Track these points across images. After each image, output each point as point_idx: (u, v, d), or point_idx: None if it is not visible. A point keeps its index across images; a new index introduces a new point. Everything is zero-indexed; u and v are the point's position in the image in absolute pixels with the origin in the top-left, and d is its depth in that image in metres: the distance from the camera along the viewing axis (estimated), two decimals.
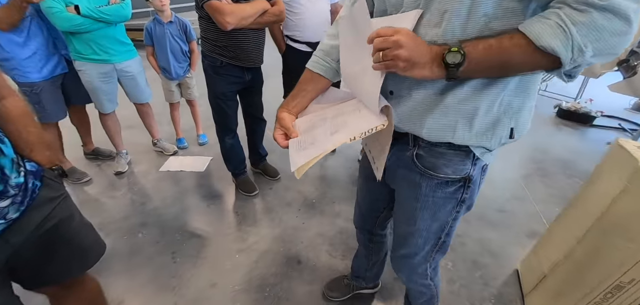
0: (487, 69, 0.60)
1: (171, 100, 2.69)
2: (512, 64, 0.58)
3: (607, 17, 0.48)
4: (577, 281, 1.23)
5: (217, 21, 1.58)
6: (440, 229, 0.89)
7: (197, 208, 2.16)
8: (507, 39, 0.56)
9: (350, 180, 2.48)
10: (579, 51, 0.50)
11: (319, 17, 2.11)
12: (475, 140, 0.71)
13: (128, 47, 2.22)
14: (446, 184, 0.79)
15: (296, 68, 2.23)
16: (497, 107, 0.68)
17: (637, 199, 1.02)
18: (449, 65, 0.58)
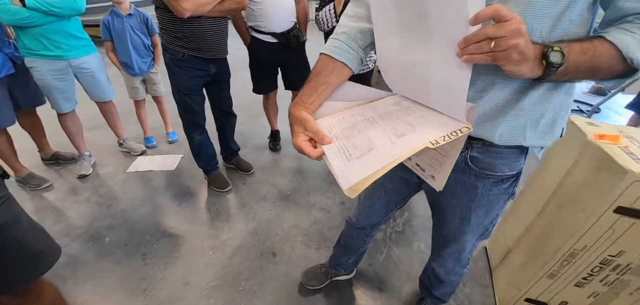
0: (579, 72, 0.56)
1: (136, 98, 2.57)
2: (600, 69, 0.56)
3: None
4: (537, 252, 1.30)
5: (173, 9, 1.50)
6: (490, 222, 0.91)
7: (168, 207, 2.09)
8: (597, 44, 0.54)
9: (325, 170, 2.48)
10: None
11: (283, 6, 2.06)
12: (538, 140, 0.70)
13: (84, 42, 2.09)
14: (502, 181, 0.79)
15: (263, 59, 2.23)
16: (557, 108, 0.69)
17: (587, 171, 1.08)
18: (551, 64, 0.52)
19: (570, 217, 1.12)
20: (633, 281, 1.15)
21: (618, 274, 1.15)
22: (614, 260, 1.11)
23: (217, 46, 1.80)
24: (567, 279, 1.23)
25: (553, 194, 1.24)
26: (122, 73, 2.46)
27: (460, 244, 0.97)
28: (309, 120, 0.64)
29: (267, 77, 2.35)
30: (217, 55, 1.83)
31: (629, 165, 0.91)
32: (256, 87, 2.42)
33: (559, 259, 1.18)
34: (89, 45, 2.13)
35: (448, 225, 0.95)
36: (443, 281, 1.18)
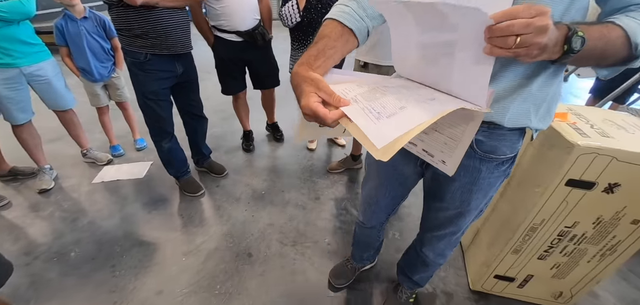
0: (591, 56, 0.55)
1: (98, 105, 2.45)
2: (609, 54, 0.56)
3: None
4: (502, 230, 1.35)
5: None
6: (486, 203, 0.92)
7: (137, 216, 2.01)
8: (611, 29, 0.54)
9: (299, 167, 2.47)
10: None
11: (245, 4, 2.01)
12: (539, 123, 0.72)
13: (37, 48, 1.97)
14: (502, 163, 0.80)
15: (229, 59, 2.18)
16: (554, 93, 0.71)
17: (540, 148, 1.13)
18: (571, 50, 0.52)
19: (528, 193, 1.17)
20: (590, 249, 1.22)
21: (575, 244, 1.21)
22: (570, 231, 1.17)
23: (181, 40, 1.71)
24: (530, 253, 1.28)
25: (513, 172, 1.28)
26: (81, 79, 2.34)
27: (456, 226, 0.98)
28: (322, 80, 0.56)
29: (235, 77, 2.30)
30: (182, 50, 1.74)
31: (576, 140, 0.95)
32: (224, 88, 2.36)
33: (521, 235, 1.23)
34: (43, 51, 2.01)
35: (448, 209, 0.94)
36: (428, 264, 1.19)
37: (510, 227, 1.26)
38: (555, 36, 0.50)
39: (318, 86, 0.55)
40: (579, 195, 1.04)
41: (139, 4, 1.43)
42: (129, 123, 2.68)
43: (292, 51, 2.22)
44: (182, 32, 1.70)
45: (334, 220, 1.96)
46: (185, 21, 1.73)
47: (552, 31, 0.48)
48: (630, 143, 0.96)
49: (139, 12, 1.51)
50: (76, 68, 2.26)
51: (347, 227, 1.91)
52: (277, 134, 2.84)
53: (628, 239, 1.13)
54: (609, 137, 0.97)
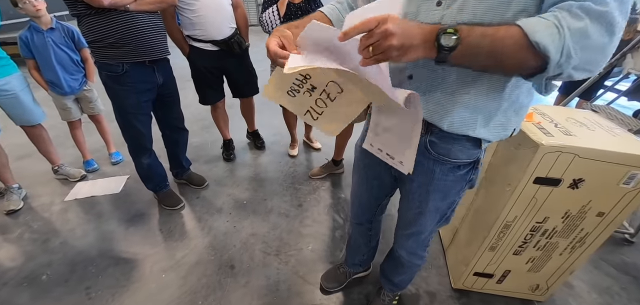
0: (478, 56, 0.55)
1: (68, 119, 2.35)
2: (503, 56, 0.53)
3: (597, 28, 0.49)
4: (478, 228, 1.38)
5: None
6: (447, 207, 0.93)
7: (114, 233, 1.94)
8: (503, 29, 0.53)
9: (281, 175, 2.46)
10: (567, 56, 0.50)
11: (219, 12, 1.98)
12: (488, 134, 0.74)
13: (2, 62, 1.88)
14: (458, 167, 0.82)
15: (206, 68, 2.15)
16: (514, 109, 0.71)
17: (508, 148, 1.17)
18: (442, 47, 0.53)
19: (500, 192, 1.20)
20: (560, 243, 1.26)
21: (547, 238, 1.25)
22: (541, 226, 1.21)
23: (157, 44, 1.65)
24: (506, 249, 1.32)
25: (485, 172, 1.33)
26: (49, 93, 2.24)
27: (419, 225, 1.00)
28: (289, 33, 0.67)
29: (212, 87, 2.27)
30: (159, 54, 1.68)
31: (541, 139, 0.99)
32: (202, 99, 2.32)
33: (496, 232, 1.26)
34: (8, 64, 1.92)
35: (411, 209, 0.98)
36: (404, 265, 1.21)
37: (486, 225, 1.29)
38: (420, 35, 0.54)
39: (283, 34, 0.67)
40: (547, 191, 1.08)
41: (106, 5, 1.37)
42: (103, 137, 2.59)
43: None
44: (157, 35, 1.64)
45: (318, 226, 1.96)
46: (160, 24, 1.68)
47: (405, 34, 0.53)
48: (591, 140, 1.00)
49: (109, 18, 1.45)
50: (44, 81, 2.16)
51: (330, 233, 1.91)
52: (258, 141, 2.81)
53: (595, 230, 1.18)
54: (571, 135, 1.02)
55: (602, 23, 0.48)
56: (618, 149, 0.97)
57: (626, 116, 1.85)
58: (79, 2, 1.38)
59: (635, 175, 1.00)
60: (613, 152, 0.97)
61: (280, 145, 2.87)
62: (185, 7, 1.89)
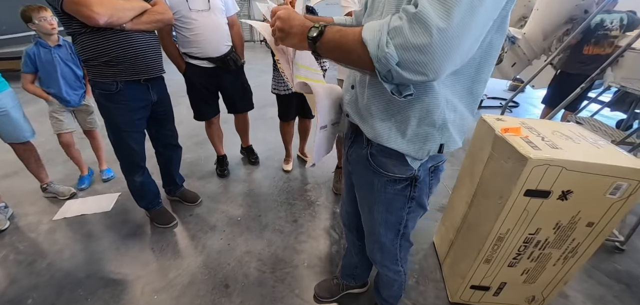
0: (334, 49, 0.65)
1: (60, 130, 2.29)
2: (347, 49, 0.62)
3: (413, 27, 0.51)
4: (473, 241, 1.39)
5: (84, 17, 1.32)
6: (397, 221, 0.95)
7: (104, 254, 1.88)
8: (353, 29, 0.62)
9: (276, 190, 2.45)
10: (381, 46, 0.54)
11: (216, 31, 2.02)
12: (406, 148, 0.76)
13: None
14: (395, 181, 0.85)
15: (201, 85, 2.17)
16: (431, 124, 0.73)
17: (499, 161, 1.20)
18: (309, 37, 0.66)
19: (492, 204, 1.22)
20: (554, 253, 1.28)
21: (540, 249, 1.27)
22: (534, 238, 1.23)
23: (153, 63, 1.65)
24: (501, 261, 1.33)
25: (478, 185, 1.35)
26: (49, 103, 2.23)
27: (376, 235, 1.02)
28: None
29: (208, 102, 2.28)
30: (154, 73, 1.68)
31: (529, 153, 1.02)
32: (197, 114, 2.33)
33: (490, 244, 1.28)
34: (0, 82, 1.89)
35: (363, 216, 1.05)
36: (383, 278, 1.23)
37: (480, 237, 1.30)
38: (299, 28, 0.70)
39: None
40: (538, 203, 1.11)
41: (102, 24, 1.37)
42: (96, 153, 2.56)
43: (276, 72, 2.25)
44: (153, 54, 1.64)
45: (313, 242, 1.95)
46: (155, 43, 1.68)
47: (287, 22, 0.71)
48: (577, 153, 1.04)
49: (105, 37, 1.45)
50: (44, 92, 2.18)
51: (327, 249, 1.90)
52: (252, 157, 2.81)
53: (586, 240, 1.21)
54: (558, 149, 1.05)
55: (417, 23, 0.51)
56: (603, 161, 1.01)
57: (609, 127, 1.93)
58: (74, 20, 1.38)
59: (620, 185, 1.03)
60: (598, 164, 1.00)
61: (274, 160, 2.87)
62: (182, 26, 1.92)
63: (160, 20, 1.62)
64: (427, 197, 0.91)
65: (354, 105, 0.84)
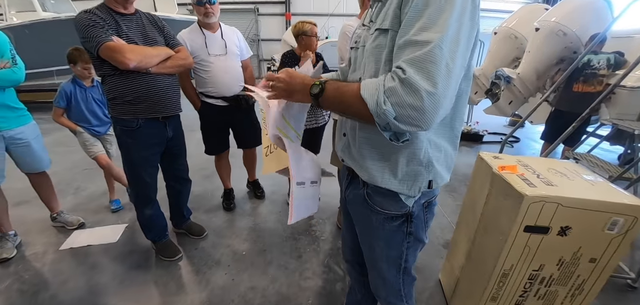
0: (335, 103, 0.76)
1: (94, 153, 2.48)
2: (347, 104, 0.72)
3: (405, 89, 0.61)
4: (477, 278, 1.40)
5: (117, 62, 1.49)
6: (397, 256, 0.98)
7: (108, 286, 1.88)
8: (351, 85, 0.72)
9: (281, 225, 2.47)
10: (380, 104, 0.64)
11: (231, 73, 2.21)
12: (399, 187, 0.83)
13: (19, 113, 1.99)
14: (392, 218, 0.90)
15: (215, 122, 2.32)
16: (419, 163, 0.80)
17: (498, 198, 1.26)
18: (311, 94, 0.77)
19: (494, 241, 1.26)
20: (560, 291, 1.29)
21: (546, 287, 1.28)
22: (538, 275, 1.25)
23: (172, 100, 1.78)
24: (507, 299, 1.33)
25: (479, 222, 1.39)
26: (78, 132, 2.42)
27: (379, 270, 1.04)
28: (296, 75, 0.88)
29: (219, 138, 2.41)
30: (173, 111, 1.81)
31: (525, 190, 1.08)
32: (209, 149, 2.45)
33: (495, 281, 1.29)
34: (25, 115, 2.03)
35: (365, 253, 1.07)
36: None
37: (485, 274, 1.32)
38: (301, 86, 0.81)
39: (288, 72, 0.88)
40: (538, 239, 1.14)
41: (132, 67, 1.52)
42: (108, 182, 2.64)
43: None
44: (172, 94, 1.78)
45: (317, 279, 1.94)
46: (175, 84, 1.83)
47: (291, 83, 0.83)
48: (571, 190, 1.10)
49: (131, 79, 1.59)
50: (73, 123, 2.39)
51: (330, 286, 1.89)
52: (258, 191, 2.87)
53: (591, 277, 1.22)
54: (553, 185, 1.12)
55: (408, 86, 0.61)
56: (597, 198, 1.06)
57: (607, 163, 1.98)
58: (105, 63, 1.54)
59: (617, 221, 1.08)
60: (592, 201, 1.06)
61: (280, 194, 2.92)
62: (200, 68, 2.10)
63: (182, 65, 1.78)
64: (424, 231, 0.96)
65: (348, 151, 0.93)
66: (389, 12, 0.72)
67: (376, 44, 0.76)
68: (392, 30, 0.71)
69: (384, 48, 0.74)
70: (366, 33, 0.85)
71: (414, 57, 0.61)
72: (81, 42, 1.53)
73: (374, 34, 0.77)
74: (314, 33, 2.22)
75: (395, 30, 0.70)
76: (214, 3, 2.07)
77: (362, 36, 0.88)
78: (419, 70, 0.60)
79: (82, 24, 1.47)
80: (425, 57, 0.60)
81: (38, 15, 6.00)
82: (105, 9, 1.56)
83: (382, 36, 0.75)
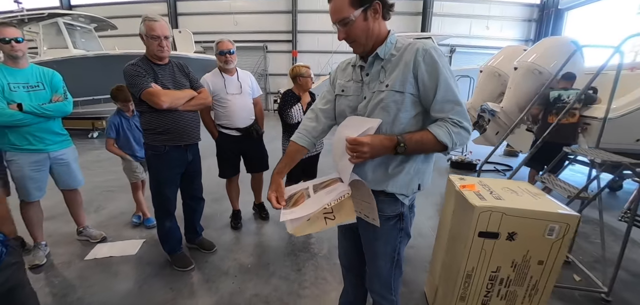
0: (415, 150, 1.06)
1: (136, 180, 2.90)
2: (425, 148, 1.05)
3: (462, 132, 1.02)
4: (449, 281, 1.64)
5: (154, 103, 1.89)
6: (392, 250, 1.24)
7: (128, 291, 2.12)
8: (425, 135, 1.03)
9: (283, 243, 2.72)
10: (454, 144, 1.02)
11: (244, 109, 2.64)
12: (399, 190, 1.13)
13: (63, 137, 2.34)
14: (389, 219, 1.18)
15: (229, 149, 2.75)
16: (412, 172, 1.12)
17: (459, 211, 1.54)
18: (397, 152, 1.03)
19: (458, 246, 1.52)
20: (518, 291, 1.52)
21: (506, 287, 1.52)
22: (497, 276, 1.49)
23: (194, 132, 2.19)
24: (474, 298, 1.56)
25: (449, 232, 1.66)
26: (125, 159, 2.83)
27: (376, 267, 1.29)
28: (281, 185, 1.20)
29: (232, 163, 2.78)
30: (193, 140, 2.20)
31: (475, 202, 1.38)
32: (222, 173, 2.80)
33: (461, 282, 1.53)
34: (67, 140, 2.38)
35: (366, 252, 1.31)
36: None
37: (453, 276, 1.57)
38: (384, 146, 1.02)
39: (277, 189, 1.18)
40: (491, 243, 1.41)
41: (165, 108, 1.91)
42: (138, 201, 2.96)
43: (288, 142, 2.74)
44: (194, 125, 2.18)
45: (314, 288, 2.16)
46: (196, 118, 2.23)
47: (375, 148, 1.01)
48: (515, 203, 1.38)
49: (163, 114, 1.98)
50: (121, 152, 2.78)
51: (325, 295, 2.11)
52: (263, 213, 3.14)
53: (542, 278, 1.46)
54: (501, 199, 1.40)
55: (463, 128, 1.02)
56: (533, 208, 1.34)
57: (568, 184, 2.24)
58: (144, 102, 1.94)
59: (554, 228, 1.34)
60: (529, 210, 1.34)
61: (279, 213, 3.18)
62: (219, 105, 2.54)
63: (203, 104, 2.20)
64: (410, 227, 1.25)
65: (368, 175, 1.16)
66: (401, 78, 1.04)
67: (392, 100, 1.05)
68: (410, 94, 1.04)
69: (402, 104, 1.04)
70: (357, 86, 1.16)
71: (458, 111, 1.01)
72: (127, 86, 1.97)
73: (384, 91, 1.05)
74: (309, 75, 2.70)
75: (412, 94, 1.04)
76: (232, 53, 2.53)
77: (352, 88, 1.17)
78: (463, 118, 1.02)
79: (129, 73, 1.89)
80: (462, 110, 1.02)
81: (69, 52, 6.64)
82: (146, 60, 1.98)
83: (398, 94, 1.04)
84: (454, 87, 1.02)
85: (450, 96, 1.01)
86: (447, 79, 1.00)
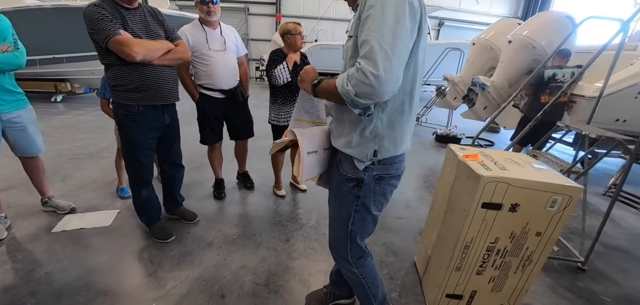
0: (325, 92, 1.05)
1: None
2: (331, 93, 1.01)
3: (359, 73, 0.88)
4: (445, 251, 1.60)
5: (124, 55, 1.61)
6: (346, 217, 1.21)
7: (103, 265, 1.96)
8: (332, 80, 0.99)
9: (269, 213, 2.62)
10: (344, 86, 0.91)
11: (228, 67, 2.36)
12: (354, 152, 1.10)
13: (18, 96, 2.04)
14: (347, 180, 1.15)
15: (211, 113, 2.48)
16: (369, 135, 1.06)
17: (462, 181, 1.47)
18: (312, 85, 1.09)
19: (457, 216, 1.47)
20: (513, 261, 1.51)
21: (501, 258, 1.50)
22: (494, 246, 1.46)
23: (171, 91, 1.93)
24: (470, 269, 1.54)
25: (447, 203, 1.60)
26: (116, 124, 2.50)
27: (332, 229, 1.32)
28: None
29: (214, 129, 2.53)
30: (171, 100, 1.95)
31: (482, 172, 1.30)
32: (204, 139, 2.57)
33: (459, 252, 1.49)
34: (22, 99, 2.08)
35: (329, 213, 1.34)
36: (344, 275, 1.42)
37: (450, 246, 1.53)
38: (311, 81, 1.09)
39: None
40: (493, 215, 1.36)
41: (138, 60, 1.64)
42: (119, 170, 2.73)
43: (275, 106, 2.53)
44: (172, 84, 1.92)
45: (304, 258, 2.10)
46: (174, 75, 1.96)
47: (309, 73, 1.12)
48: (520, 173, 1.32)
49: (136, 68, 1.71)
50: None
51: (316, 264, 2.05)
52: (248, 182, 3.00)
53: (537, 249, 1.45)
54: (505, 170, 1.34)
55: (360, 71, 0.87)
56: (539, 179, 1.29)
57: (559, 159, 2.27)
58: (112, 54, 1.64)
59: (557, 199, 1.31)
60: (536, 182, 1.28)
61: (268, 186, 3.06)
62: (200, 62, 2.23)
63: (181, 58, 1.91)
64: (372, 202, 1.18)
65: (333, 129, 1.20)
66: (355, 23, 0.97)
67: (346, 46, 1.05)
68: (354, 36, 0.97)
69: (349, 49, 1.01)
70: None
71: (363, 53, 0.88)
72: (89, 34, 1.63)
73: (347, 39, 1.05)
74: (299, 31, 2.42)
75: (356, 36, 0.96)
76: (216, 3, 2.22)
77: None
78: (365, 60, 0.87)
79: (91, 17, 1.57)
80: (369, 52, 0.86)
81: (22, 2, 5.86)
82: (112, 3, 1.67)
83: (350, 41, 1.02)
84: (383, 26, 0.85)
85: (368, 35, 0.87)
86: (377, 16, 0.86)
